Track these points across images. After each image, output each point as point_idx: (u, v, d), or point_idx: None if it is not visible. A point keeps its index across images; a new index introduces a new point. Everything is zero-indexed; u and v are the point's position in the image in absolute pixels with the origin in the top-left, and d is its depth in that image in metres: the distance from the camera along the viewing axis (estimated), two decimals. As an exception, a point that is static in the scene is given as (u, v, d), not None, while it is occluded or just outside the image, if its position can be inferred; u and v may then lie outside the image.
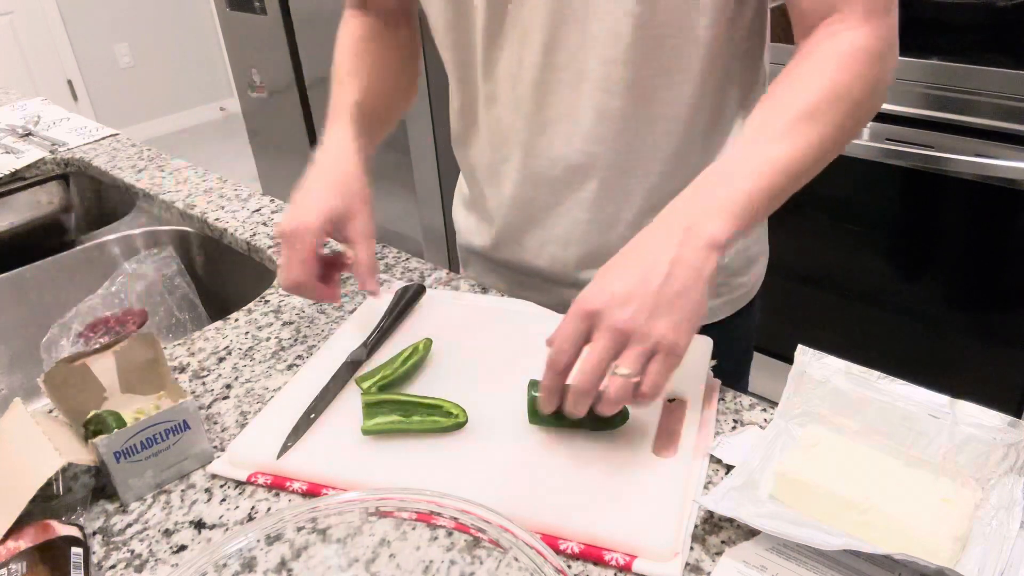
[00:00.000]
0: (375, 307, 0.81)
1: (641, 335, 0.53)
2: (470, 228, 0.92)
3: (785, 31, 0.74)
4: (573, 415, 0.56)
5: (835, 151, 0.62)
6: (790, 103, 0.60)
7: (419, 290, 0.80)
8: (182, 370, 0.76)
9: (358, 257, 0.71)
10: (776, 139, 0.59)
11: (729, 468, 0.58)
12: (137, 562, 0.55)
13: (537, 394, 0.58)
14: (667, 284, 0.54)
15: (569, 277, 0.83)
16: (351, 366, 0.70)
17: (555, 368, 0.56)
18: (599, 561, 0.52)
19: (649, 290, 0.54)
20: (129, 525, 0.58)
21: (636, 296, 0.54)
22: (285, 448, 0.62)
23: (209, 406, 0.70)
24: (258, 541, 0.50)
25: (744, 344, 0.91)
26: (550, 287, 0.85)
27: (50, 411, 0.70)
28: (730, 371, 0.71)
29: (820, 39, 0.63)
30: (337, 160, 0.73)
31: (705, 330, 0.69)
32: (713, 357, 0.69)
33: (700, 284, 0.55)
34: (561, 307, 0.84)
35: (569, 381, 0.55)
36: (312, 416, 0.65)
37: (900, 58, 0.65)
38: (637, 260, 0.56)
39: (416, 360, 0.69)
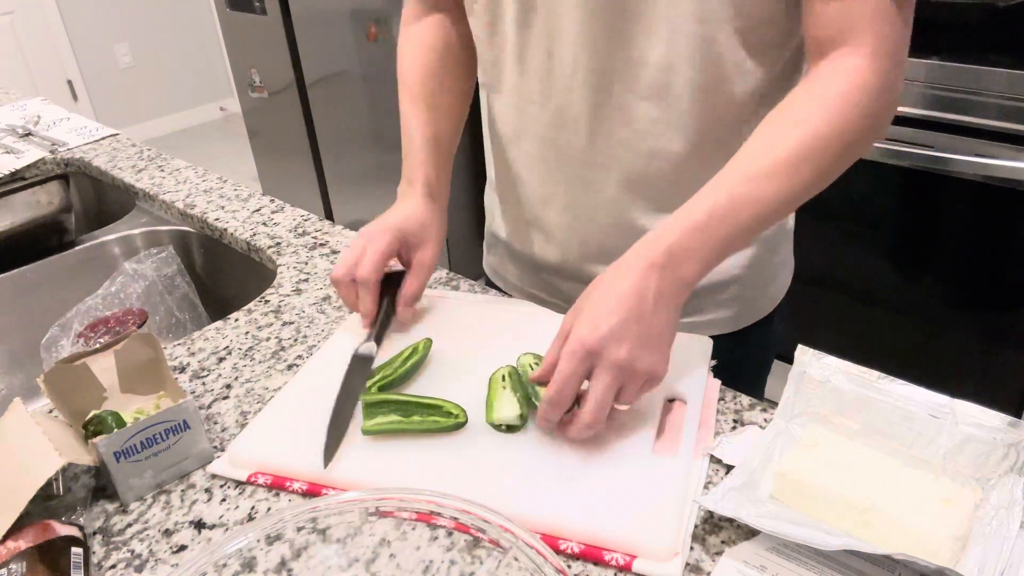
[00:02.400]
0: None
1: (636, 371, 0.57)
2: (494, 213, 0.92)
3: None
4: (573, 439, 0.59)
5: (814, 193, 0.63)
6: (778, 144, 0.61)
7: (399, 274, 0.78)
8: (182, 370, 0.76)
9: (407, 282, 0.75)
10: (758, 181, 0.60)
11: (729, 468, 0.58)
12: (137, 562, 0.55)
13: (497, 395, 0.64)
14: (654, 318, 0.58)
15: (579, 272, 0.82)
16: (363, 361, 0.70)
17: (558, 406, 0.58)
18: (599, 561, 0.52)
19: (640, 326, 0.57)
20: (129, 525, 0.58)
21: (629, 332, 0.57)
22: (329, 455, 0.60)
23: (209, 406, 0.70)
24: (258, 541, 0.50)
25: (762, 355, 0.91)
26: (559, 281, 0.85)
27: (50, 411, 0.70)
28: (746, 381, 0.71)
29: (823, 70, 0.63)
30: (416, 206, 0.78)
31: (724, 340, 0.70)
32: (713, 357, 0.69)
33: (676, 317, 0.60)
34: (565, 301, 0.85)
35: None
36: (342, 419, 0.64)
37: None
38: (624, 295, 0.57)
39: (416, 360, 0.69)
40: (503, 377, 0.65)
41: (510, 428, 0.62)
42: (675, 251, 0.58)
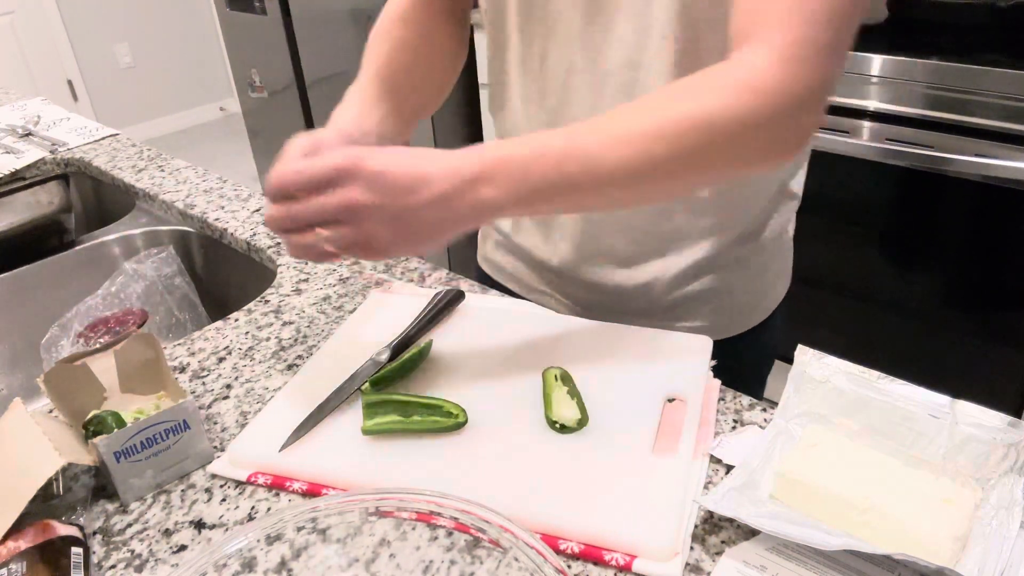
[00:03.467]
0: (377, 308, 0.81)
1: (363, 228, 0.55)
2: None
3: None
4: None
5: (679, 182, 0.59)
6: (641, 115, 0.57)
7: (457, 296, 0.79)
8: (182, 370, 0.76)
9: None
10: (606, 142, 0.56)
11: (729, 468, 0.58)
12: (137, 562, 0.55)
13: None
14: (421, 209, 0.55)
15: (578, 270, 0.83)
16: (372, 365, 0.70)
17: (277, 183, 0.56)
18: (599, 561, 0.52)
19: (403, 201, 0.55)
20: (129, 525, 0.58)
21: (389, 194, 0.54)
22: (290, 442, 0.62)
23: (209, 406, 0.70)
24: (258, 541, 0.50)
25: (759, 361, 0.91)
26: (558, 280, 0.85)
27: (50, 411, 0.70)
28: (743, 386, 0.70)
29: (728, 60, 0.58)
30: (346, 109, 0.70)
31: (719, 344, 0.70)
32: (713, 357, 0.69)
33: (450, 225, 0.57)
34: (565, 297, 0.85)
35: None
36: (322, 414, 0.65)
37: (900, 58, 0.63)
38: (414, 170, 0.55)
39: (413, 357, 0.69)
40: (556, 377, 0.65)
41: (564, 428, 0.61)
42: (487, 170, 0.56)
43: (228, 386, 0.73)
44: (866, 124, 1.61)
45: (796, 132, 0.58)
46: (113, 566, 0.55)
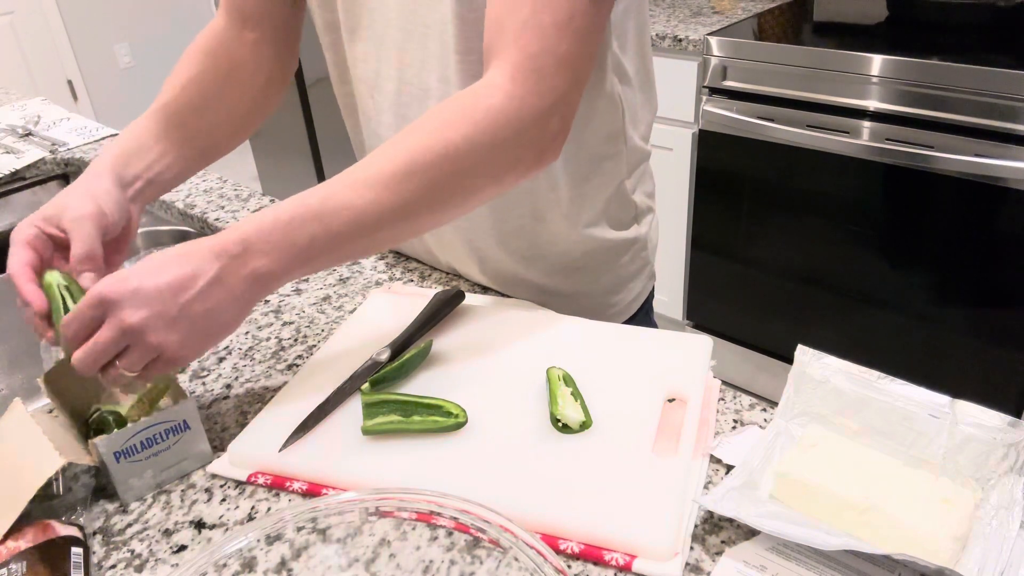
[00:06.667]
0: (377, 308, 0.81)
1: (147, 342, 0.55)
2: None
3: (788, 31, 0.73)
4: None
5: (440, 211, 0.60)
6: (390, 154, 0.58)
7: (457, 296, 0.79)
8: (182, 370, 0.76)
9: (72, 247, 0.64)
10: (357, 188, 0.57)
11: (729, 468, 0.58)
12: (137, 562, 0.55)
13: None
14: (197, 303, 0.55)
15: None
16: (372, 367, 0.70)
17: (68, 340, 0.57)
18: (599, 561, 0.52)
19: (176, 301, 0.55)
20: (129, 525, 0.58)
21: (156, 302, 0.54)
22: (290, 442, 0.62)
23: (209, 406, 0.70)
24: (258, 541, 0.50)
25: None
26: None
27: (50, 411, 0.70)
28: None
29: (475, 84, 0.60)
30: (92, 165, 0.71)
31: None
32: (713, 357, 0.69)
33: (234, 306, 0.57)
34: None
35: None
36: (322, 414, 0.65)
37: (900, 58, 0.62)
38: (175, 267, 0.55)
39: (412, 358, 0.69)
40: (559, 377, 0.65)
41: (566, 428, 0.61)
42: (251, 242, 0.56)
43: (228, 386, 0.73)
44: (866, 124, 1.62)
45: (538, 143, 0.60)
46: (113, 566, 0.55)
